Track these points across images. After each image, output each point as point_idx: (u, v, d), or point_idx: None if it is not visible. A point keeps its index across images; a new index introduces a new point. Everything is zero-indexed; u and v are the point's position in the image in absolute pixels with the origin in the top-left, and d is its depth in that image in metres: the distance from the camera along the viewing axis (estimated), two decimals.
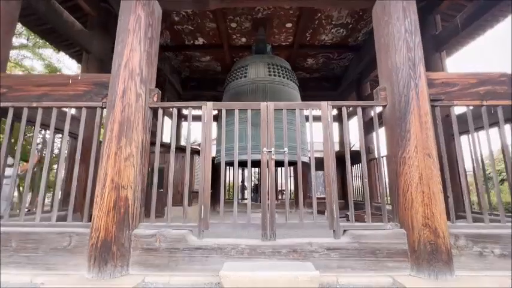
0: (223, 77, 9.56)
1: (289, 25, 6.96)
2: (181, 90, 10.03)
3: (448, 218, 2.40)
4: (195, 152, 7.17)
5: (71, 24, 4.56)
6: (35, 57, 9.63)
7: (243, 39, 7.65)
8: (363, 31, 7.18)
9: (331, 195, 2.51)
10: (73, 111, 3.00)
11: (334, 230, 2.43)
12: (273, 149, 2.57)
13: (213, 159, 7.22)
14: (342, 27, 7.01)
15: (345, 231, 2.44)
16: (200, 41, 7.72)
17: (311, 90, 9.28)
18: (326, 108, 2.68)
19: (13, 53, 9.65)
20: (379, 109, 2.96)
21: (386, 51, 2.76)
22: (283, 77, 5.49)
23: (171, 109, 2.76)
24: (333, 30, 7.14)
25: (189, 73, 9.89)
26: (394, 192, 2.59)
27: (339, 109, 10.06)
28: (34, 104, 2.68)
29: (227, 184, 9.65)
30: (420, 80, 2.54)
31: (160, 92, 2.79)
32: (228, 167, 8.10)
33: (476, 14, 4.57)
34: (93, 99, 2.72)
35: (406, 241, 2.35)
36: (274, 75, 5.42)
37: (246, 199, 10.60)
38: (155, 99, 2.71)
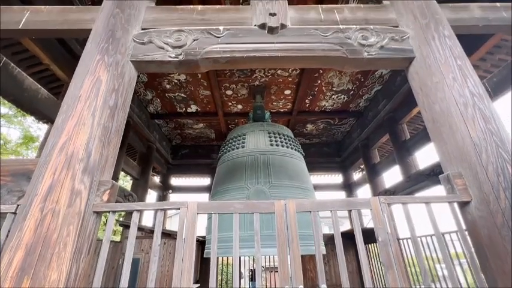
0: (218, 144, 8.86)
1: (287, 92, 6.60)
2: (170, 158, 9.16)
3: None
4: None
5: (34, 92, 3.89)
6: (11, 125, 8.93)
7: (239, 106, 7.20)
8: (364, 97, 6.86)
9: None
10: None
11: None
12: (301, 286, 1.45)
13: (203, 243, 5.85)
14: (343, 93, 6.69)
15: None
16: (193, 108, 7.23)
17: (312, 157, 8.50)
18: (379, 208, 1.69)
19: None
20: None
21: (449, 123, 1.95)
22: (288, 147, 4.69)
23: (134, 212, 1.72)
24: (333, 96, 6.80)
25: (181, 140, 9.20)
26: None
27: (344, 175, 9.05)
28: None
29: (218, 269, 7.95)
30: None
31: (116, 184, 1.79)
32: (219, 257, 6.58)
33: None
34: (3, 200, 1.69)
35: None
36: (277, 145, 4.63)
37: None
38: (105, 197, 1.69)
